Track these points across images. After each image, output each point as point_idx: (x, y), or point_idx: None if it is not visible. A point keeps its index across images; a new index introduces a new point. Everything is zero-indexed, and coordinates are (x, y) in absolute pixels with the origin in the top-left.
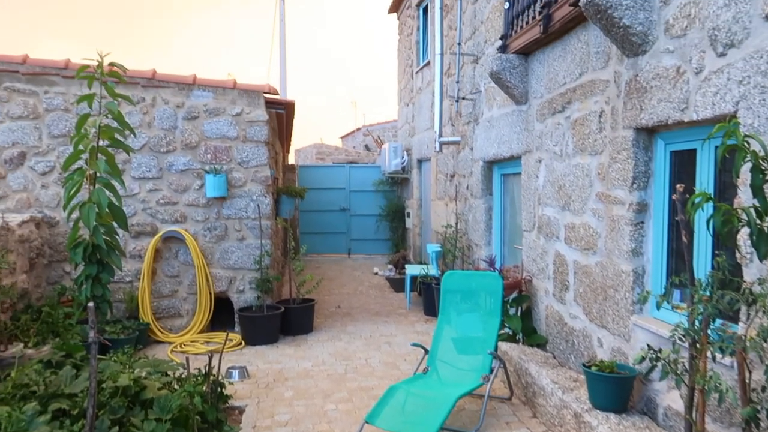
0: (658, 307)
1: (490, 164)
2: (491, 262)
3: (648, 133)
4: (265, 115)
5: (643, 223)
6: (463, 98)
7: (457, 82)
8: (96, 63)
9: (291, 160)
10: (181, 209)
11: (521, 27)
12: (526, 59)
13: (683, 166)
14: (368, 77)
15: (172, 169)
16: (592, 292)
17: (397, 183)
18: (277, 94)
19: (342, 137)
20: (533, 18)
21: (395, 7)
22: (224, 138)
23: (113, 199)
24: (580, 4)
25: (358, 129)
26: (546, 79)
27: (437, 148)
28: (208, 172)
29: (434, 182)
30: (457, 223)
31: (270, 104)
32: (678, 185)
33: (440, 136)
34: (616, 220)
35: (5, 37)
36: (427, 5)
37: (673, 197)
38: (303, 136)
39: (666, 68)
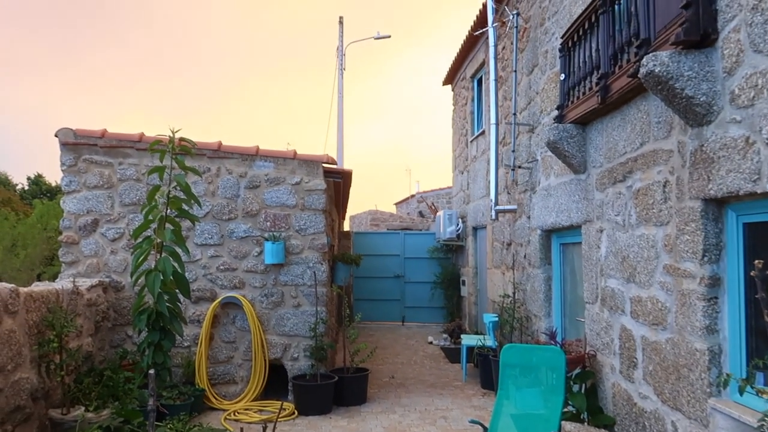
0: (741, 391)
1: (549, 233)
2: (552, 335)
3: (717, 204)
4: (323, 184)
5: (716, 298)
6: (519, 167)
7: (513, 151)
8: (168, 137)
9: (346, 226)
10: (240, 275)
11: (578, 97)
12: (584, 129)
13: (759, 238)
14: (422, 145)
15: (233, 236)
16: (663, 371)
17: (452, 250)
18: (335, 163)
19: (396, 204)
20: (590, 89)
21: (450, 79)
22: (283, 206)
23: (177, 268)
24: (639, 75)
25: (412, 196)
26: (605, 149)
27: (493, 216)
28: (267, 240)
29: (490, 250)
30: (514, 293)
31: (328, 173)
32: (756, 261)
33: (496, 204)
34: (686, 295)
35: (89, 111)
36: (481, 77)
37: (752, 273)
38: (358, 202)
39: (734, 138)
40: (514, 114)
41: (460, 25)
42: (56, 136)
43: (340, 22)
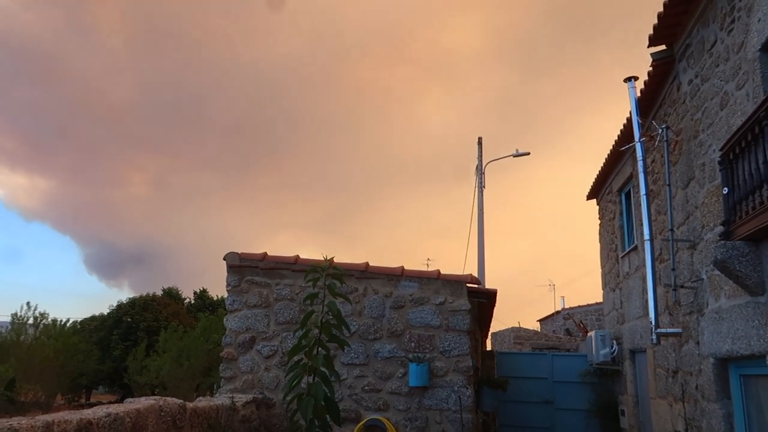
0: None
1: (724, 362)
2: None
3: None
4: (467, 305)
5: None
6: (682, 286)
7: (673, 269)
8: (320, 261)
9: (488, 345)
10: (384, 397)
11: (746, 212)
12: (757, 246)
13: None
14: (566, 260)
15: (378, 356)
16: None
17: (606, 375)
18: (479, 283)
19: (540, 320)
20: (760, 203)
21: (594, 194)
22: (428, 326)
23: (328, 392)
24: None
25: (557, 312)
26: None
27: (654, 340)
28: (411, 361)
29: (652, 377)
30: (687, 430)
31: (472, 293)
32: None
33: (656, 326)
34: None
35: (246, 231)
36: (629, 191)
37: None
38: (499, 319)
39: None
40: (671, 229)
41: (602, 138)
42: (224, 259)
43: (479, 143)
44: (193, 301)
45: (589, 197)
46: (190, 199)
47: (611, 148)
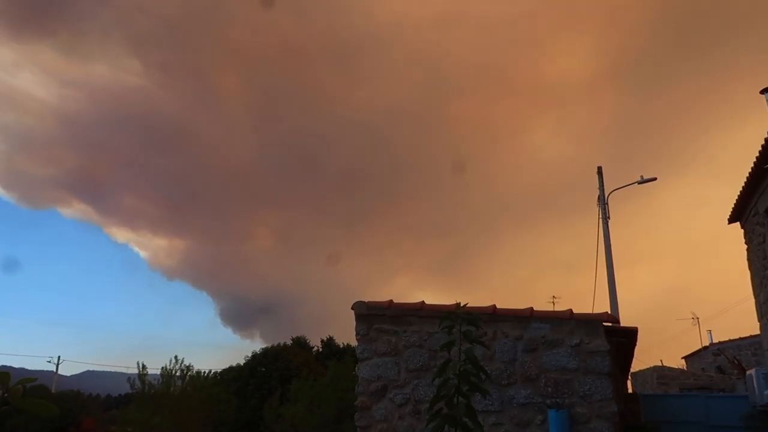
0: None
1: None
2: None
3: None
4: (606, 345)
5: None
6: None
7: None
8: (446, 306)
9: (628, 386)
10: None
11: None
12: None
13: None
14: (708, 288)
15: (514, 402)
16: None
17: None
18: (617, 322)
19: (685, 357)
20: None
21: (737, 216)
22: (564, 370)
23: None
24: None
25: (705, 347)
26: None
27: None
28: (549, 407)
29: None
30: None
31: (609, 332)
32: None
33: None
34: None
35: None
36: None
37: None
38: (637, 357)
39: None
40: None
41: (737, 155)
42: (352, 308)
43: (599, 173)
44: (320, 349)
45: (731, 220)
46: (311, 249)
47: (752, 166)
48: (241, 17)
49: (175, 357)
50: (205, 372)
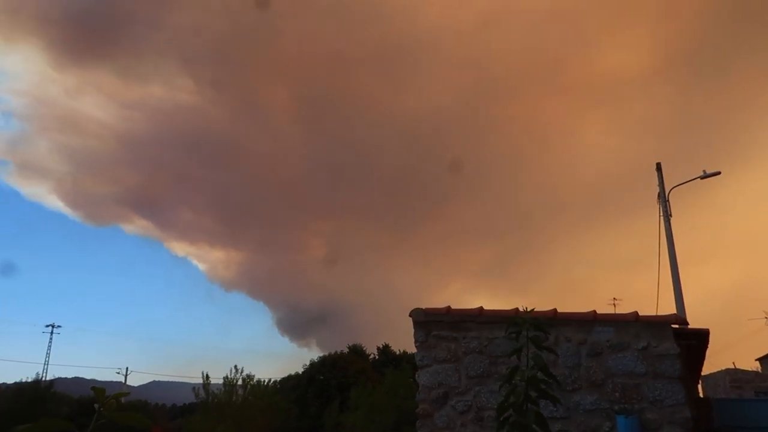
0: None
1: None
2: None
3: None
4: (675, 348)
5: None
6: None
7: None
8: (505, 311)
9: (698, 390)
10: None
11: None
12: None
13: None
14: None
15: (580, 408)
16: None
17: None
18: (685, 324)
19: (759, 359)
20: None
21: None
22: (631, 374)
23: None
24: None
25: None
26: None
27: None
28: (618, 413)
29: None
30: None
31: (678, 335)
32: None
33: None
34: None
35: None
36: None
37: None
38: (707, 360)
39: None
40: None
41: None
42: (410, 315)
43: (658, 169)
44: (377, 357)
45: None
46: (363, 257)
47: None
48: (287, 30)
49: (235, 366)
50: (264, 381)
